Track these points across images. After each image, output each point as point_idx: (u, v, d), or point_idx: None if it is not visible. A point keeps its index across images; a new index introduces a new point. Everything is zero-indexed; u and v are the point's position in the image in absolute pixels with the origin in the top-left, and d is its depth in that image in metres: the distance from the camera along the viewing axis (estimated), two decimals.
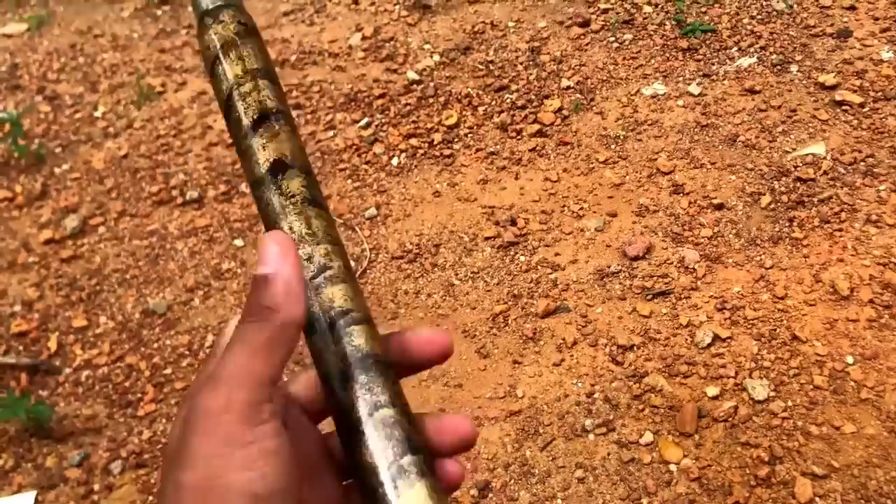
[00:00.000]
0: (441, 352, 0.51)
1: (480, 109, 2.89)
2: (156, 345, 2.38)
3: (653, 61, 2.92)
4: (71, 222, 2.79)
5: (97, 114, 3.34)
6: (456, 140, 2.81)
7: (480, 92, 2.96)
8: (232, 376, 0.44)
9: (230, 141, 2.99)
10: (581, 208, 2.45)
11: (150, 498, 2.02)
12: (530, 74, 2.98)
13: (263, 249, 0.46)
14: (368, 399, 0.45)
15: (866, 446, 1.75)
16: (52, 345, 2.42)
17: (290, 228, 0.48)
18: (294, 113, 3.10)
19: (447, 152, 2.76)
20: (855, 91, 2.58)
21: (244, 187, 2.82)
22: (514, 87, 2.95)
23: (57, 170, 3.08)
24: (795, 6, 2.99)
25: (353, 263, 2.47)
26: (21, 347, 2.44)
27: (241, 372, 0.44)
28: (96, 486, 2.07)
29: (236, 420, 0.42)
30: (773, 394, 1.88)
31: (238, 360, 0.45)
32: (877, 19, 2.85)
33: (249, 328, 0.46)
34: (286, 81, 3.25)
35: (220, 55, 0.52)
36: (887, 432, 1.76)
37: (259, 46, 0.53)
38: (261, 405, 0.43)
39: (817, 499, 1.68)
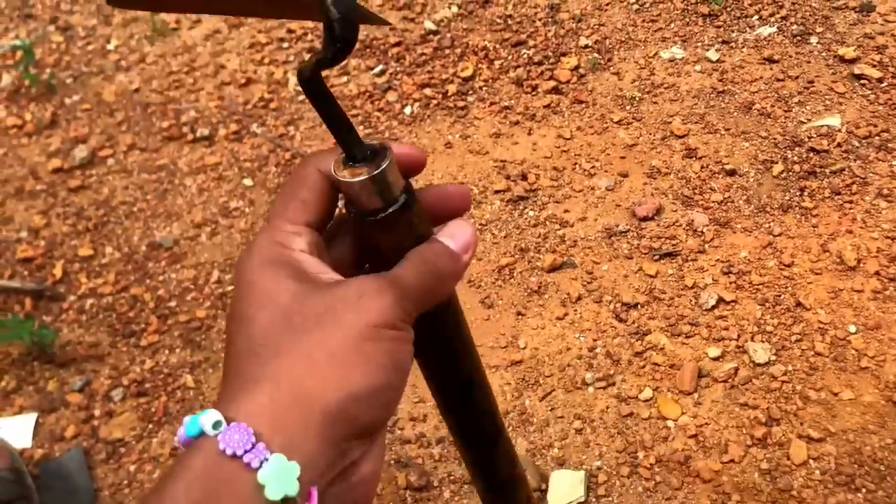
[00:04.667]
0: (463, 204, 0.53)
1: (497, 63, 2.87)
2: (161, 277, 2.38)
3: (672, 25, 2.89)
4: (80, 153, 2.78)
5: (110, 47, 3.32)
6: (470, 92, 2.79)
7: (497, 46, 2.94)
8: (400, 282, 0.46)
9: (242, 81, 2.98)
10: (593, 167, 2.44)
11: (150, 426, 2.04)
12: (548, 31, 2.96)
13: (460, 229, 0.50)
14: None
15: (863, 413, 1.77)
16: (58, 272, 2.43)
17: None
18: (307, 57, 3.08)
19: (461, 104, 2.74)
20: (874, 66, 2.56)
21: (255, 128, 2.81)
22: (531, 42, 2.92)
23: (67, 100, 3.06)
24: None
25: None
26: (26, 273, 2.44)
27: (410, 285, 0.46)
28: (97, 412, 2.09)
29: (394, 309, 0.44)
30: (773, 358, 1.89)
31: (412, 276, 0.46)
32: None
33: (421, 272, 0.47)
34: (301, 24, 3.22)
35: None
36: (885, 401, 1.78)
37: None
38: (411, 316, 0.46)
39: (811, 461, 1.70)
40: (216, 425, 0.39)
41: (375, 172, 0.45)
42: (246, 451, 0.37)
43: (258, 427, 0.38)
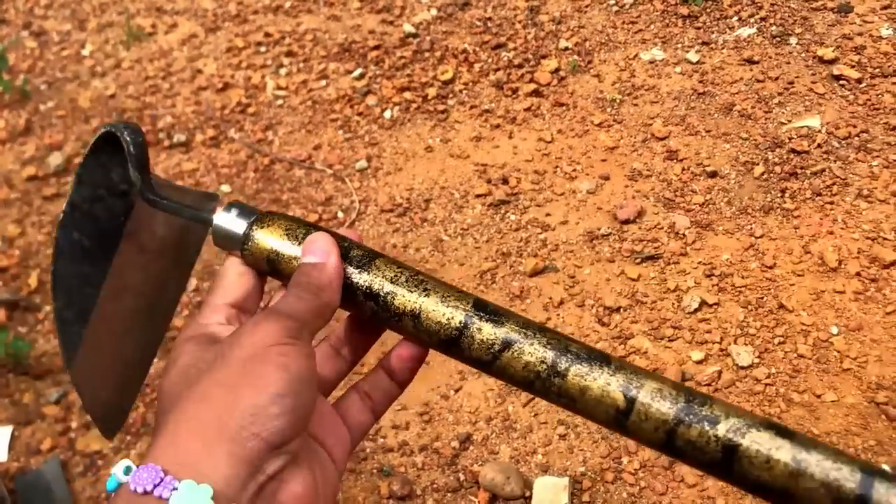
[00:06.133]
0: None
1: (476, 66, 2.86)
2: None
3: (652, 27, 2.89)
4: (55, 160, 2.74)
5: (85, 52, 3.27)
6: (450, 96, 2.77)
7: (477, 49, 2.92)
8: (280, 309, 0.49)
9: (219, 86, 2.95)
10: (574, 170, 2.43)
11: (128, 437, 2.01)
12: (528, 33, 2.95)
13: (313, 244, 0.53)
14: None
15: (846, 415, 1.76)
16: (33, 282, 2.39)
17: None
18: (286, 61, 3.05)
19: (441, 108, 2.72)
20: (853, 66, 2.57)
21: (233, 133, 2.78)
22: (511, 45, 2.91)
23: (42, 107, 3.02)
24: None
25: (341, 215, 2.45)
26: (0, 283, 2.40)
27: (289, 309, 0.50)
28: (74, 424, 2.05)
29: (277, 330, 0.47)
30: (757, 360, 1.88)
31: (289, 301, 0.50)
32: None
33: (296, 296, 0.51)
34: (279, 28, 3.19)
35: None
36: (867, 402, 1.77)
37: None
38: (300, 333, 0.48)
39: None
40: (126, 471, 0.43)
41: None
42: (156, 486, 0.41)
43: (166, 465, 0.42)
